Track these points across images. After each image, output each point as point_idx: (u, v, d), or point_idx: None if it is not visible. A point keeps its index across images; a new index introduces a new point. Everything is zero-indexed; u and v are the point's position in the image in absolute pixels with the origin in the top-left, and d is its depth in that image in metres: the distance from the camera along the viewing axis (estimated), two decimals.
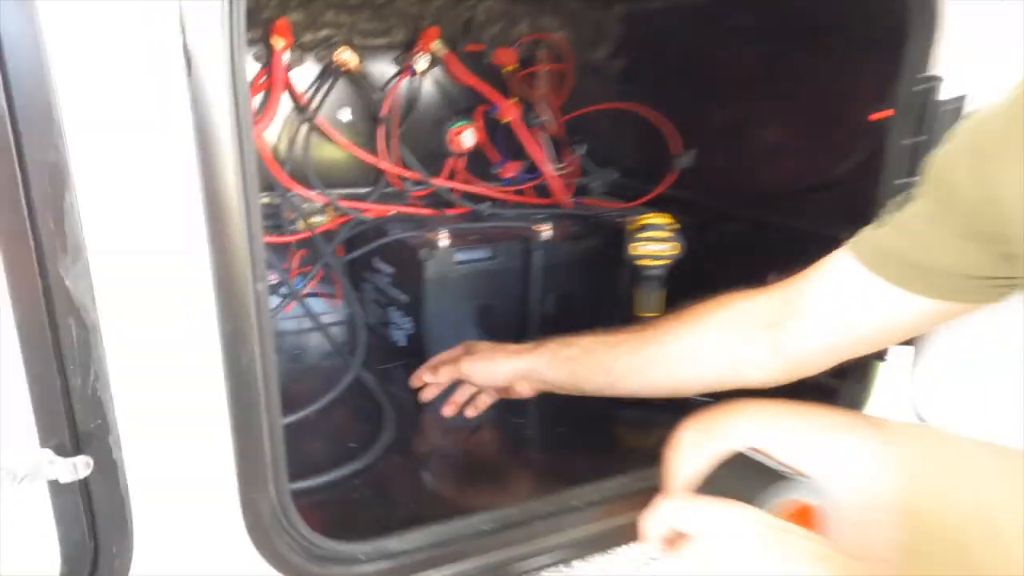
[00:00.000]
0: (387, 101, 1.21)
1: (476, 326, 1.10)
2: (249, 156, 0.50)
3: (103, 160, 0.46)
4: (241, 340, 0.55)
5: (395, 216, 1.20)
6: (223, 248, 0.51)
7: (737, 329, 0.72)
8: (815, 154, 1.00)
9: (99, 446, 0.49)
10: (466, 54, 1.28)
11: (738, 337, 0.72)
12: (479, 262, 1.09)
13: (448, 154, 1.29)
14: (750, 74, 1.14)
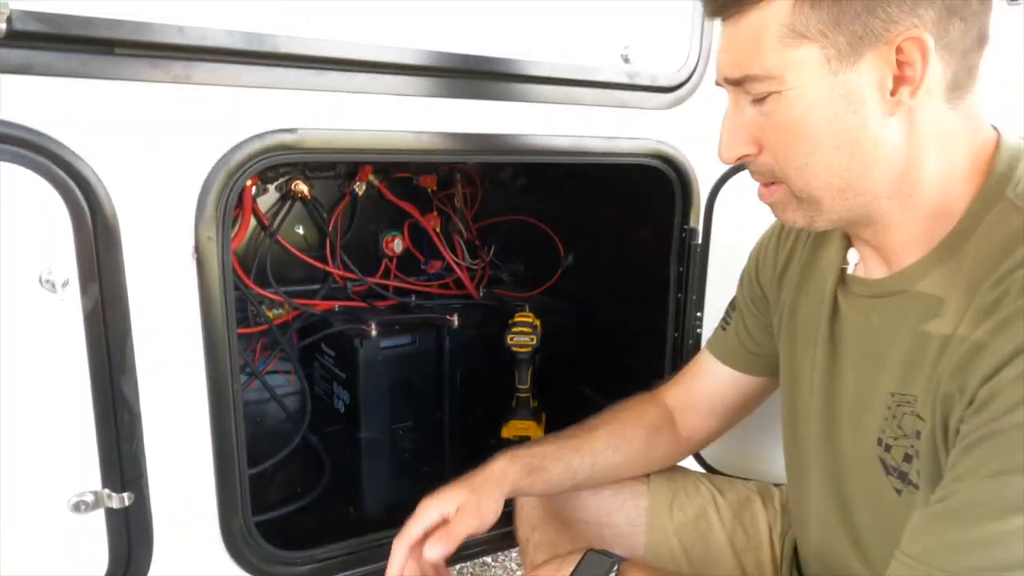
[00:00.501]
0: (332, 219, 1.56)
1: (399, 398, 1.43)
2: (230, 309, 0.84)
3: (146, 324, 0.79)
4: (223, 416, 0.87)
5: (339, 309, 1.54)
6: (214, 363, 0.84)
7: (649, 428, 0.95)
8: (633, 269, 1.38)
9: (136, 486, 0.80)
10: (396, 179, 1.64)
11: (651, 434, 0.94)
12: (401, 346, 1.42)
13: (383, 256, 1.64)
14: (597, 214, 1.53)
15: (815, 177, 0.63)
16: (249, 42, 0.78)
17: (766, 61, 0.60)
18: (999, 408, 0.53)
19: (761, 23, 0.60)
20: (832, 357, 0.74)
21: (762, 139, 0.64)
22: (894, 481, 0.66)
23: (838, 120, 0.60)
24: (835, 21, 0.57)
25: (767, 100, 0.62)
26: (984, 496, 0.52)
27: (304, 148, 0.85)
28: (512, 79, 0.97)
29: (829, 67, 0.59)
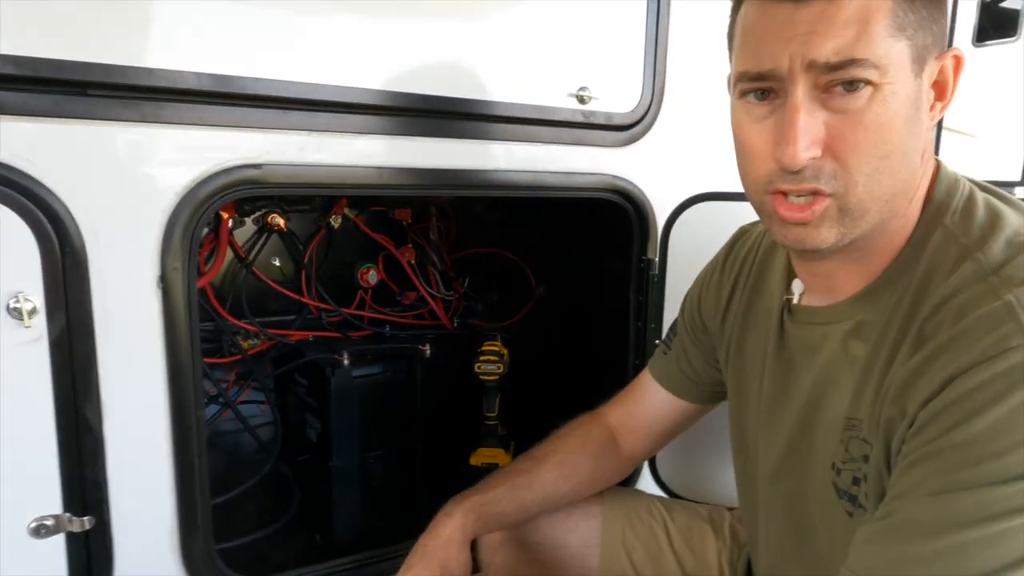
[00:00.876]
0: (308, 251, 1.60)
1: (370, 426, 1.45)
2: (195, 337, 0.87)
3: (112, 351, 0.82)
4: (185, 442, 0.89)
5: (313, 339, 1.57)
6: (178, 390, 0.87)
7: (595, 453, 0.98)
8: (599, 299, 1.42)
9: (98, 511, 0.82)
10: (372, 213, 1.69)
11: (597, 458, 0.97)
12: (373, 376, 1.45)
13: (358, 288, 1.67)
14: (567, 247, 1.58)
15: (879, 184, 0.60)
16: (216, 84, 0.82)
17: (878, 47, 0.56)
18: (937, 430, 0.55)
19: (869, 8, 0.56)
20: (782, 386, 0.76)
21: (831, 141, 0.59)
22: (846, 504, 0.68)
23: (910, 124, 0.59)
24: (921, 23, 0.58)
25: (860, 92, 0.57)
26: (924, 514, 0.54)
27: (270, 183, 0.90)
28: (472, 118, 1.02)
29: (913, 68, 0.58)
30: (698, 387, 0.94)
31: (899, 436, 0.59)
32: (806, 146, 0.58)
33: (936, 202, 0.64)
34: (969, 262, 0.58)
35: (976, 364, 0.53)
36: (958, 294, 0.58)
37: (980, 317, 0.55)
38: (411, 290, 1.73)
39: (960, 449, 0.53)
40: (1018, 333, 0.53)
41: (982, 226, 0.60)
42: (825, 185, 0.60)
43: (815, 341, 0.72)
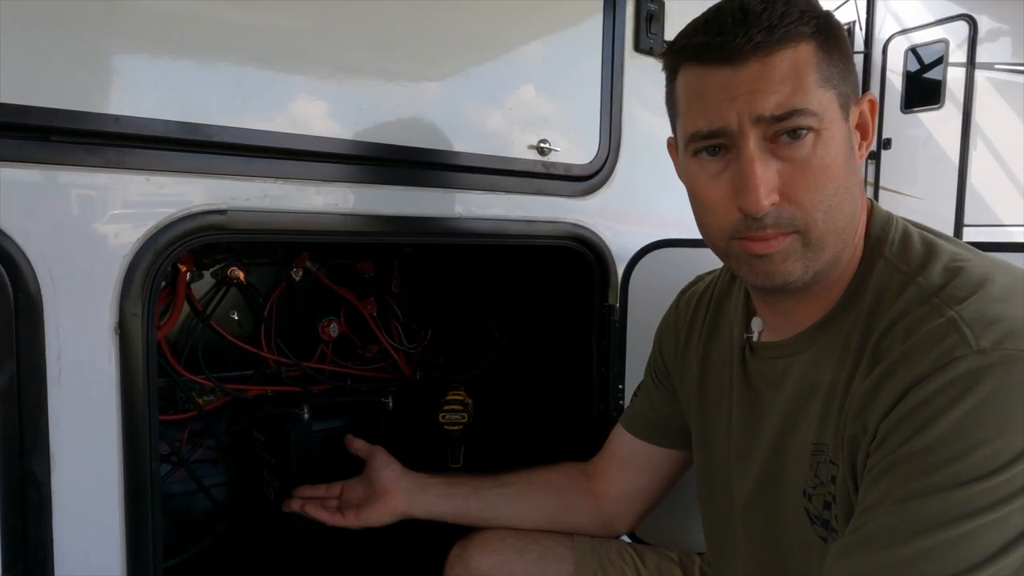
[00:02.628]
0: (268, 304, 1.58)
1: (331, 481, 1.41)
2: (153, 388, 0.84)
3: (64, 400, 0.79)
4: (139, 500, 0.85)
5: (272, 394, 1.53)
6: (133, 444, 0.83)
7: (561, 487, 1.01)
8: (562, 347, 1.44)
9: (40, 571, 0.77)
10: (334, 265, 1.68)
11: (562, 493, 1.01)
12: (334, 429, 1.42)
13: (320, 341, 1.65)
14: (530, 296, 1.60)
15: (834, 220, 0.65)
16: (183, 131, 0.83)
17: (812, 98, 0.63)
18: (898, 440, 0.58)
19: (798, 62, 0.63)
20: (750, 420, 0.79)
21: (785, 187, 0.64)
22: (819, 530, 0.70)
23: (848, 162, 0.66)
24: (840, 75, 0.65)
25: (804, 140, 0.63)
26: (892, 523, 0.56)
27: (234, 229, 0.90)
28: (436, 167, 1.05)
29: (841, 114, 0.66)
30: (662, 430, 0.96)
31: (863, 451, 0.62)
32: (766, 193, 0.64)
33: (874, 237, 0.69)
34: (912, 287, 0.63)
35: (928, 375, 0.57)
36: (906, 315, 0.62)
37: (928, 332, 0.59)
38: (373, 343, 1.72)
39: (920, 456, 0.56)
40: (963, 344, 0.56)
41: (919, 255, 0.65)
42: (786, 227, 0.65)
43: (778, 374, 0.75)
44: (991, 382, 0.54)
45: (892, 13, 4.89)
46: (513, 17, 1.11)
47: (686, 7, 1.34)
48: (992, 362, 0.55)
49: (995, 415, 0.54)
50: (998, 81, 4.26)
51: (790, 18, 0.63)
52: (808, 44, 0.63)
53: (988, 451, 0.53)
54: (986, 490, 0.53)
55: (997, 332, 0.56)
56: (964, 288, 0.60)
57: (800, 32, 0.63)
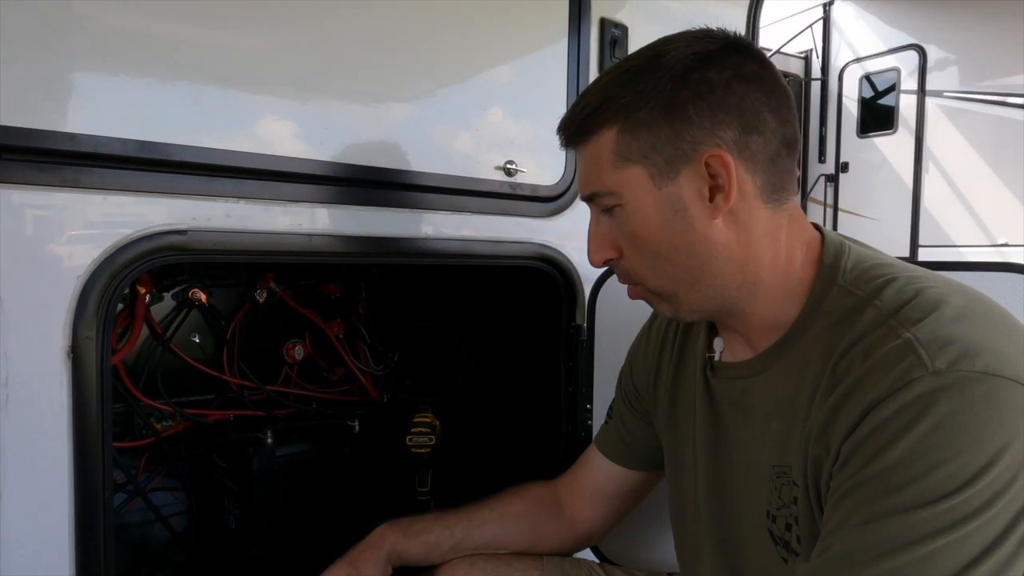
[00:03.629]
0: (231, 327, 1.55)
1: (296, 509, 1.37)
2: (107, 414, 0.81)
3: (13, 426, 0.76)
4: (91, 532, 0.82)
5: (234, 419, 1.49)
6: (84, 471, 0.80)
7: (534, 507, 1.00)
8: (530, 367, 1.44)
9: None
10: (299, 287, 1.66)
11: (535, 513, 1.00)
12: (299, 454, 1.39)
13: (284, 364, 1.62)
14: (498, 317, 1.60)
15: (663, 276, 0.72)
16: (142, 150, 0.82)
17: (605, 180, 0.72)
18: (859, 462, 0.58)
19: (598, 149, 0.72)
20: (713, 440, 0.79)
21: (619, 246, 0.74)
22: (781, 551, 0.70)
23: (669, 226, 0.70)
24: (651, 145, 0.69)
25: (614, 212, 0.73)
26: (855, 544, 0.57)
27: (195, 249, 0.88)
28: (403, 188, 1.04)
29: (654, 183, 0.70)
30: (637, 454, 0.97)
31: (826, 472, 0.63)
32: (595, 249, 0.76)
33: (827, 265, 0.71)
34: (870, 309, 0.64)
35: (886, 396, 0.58)
36: (864, 338, 0.63)
37: (885, 354, 0.60)
38: (339, 365, 1.69)
39: (881, 478, 0.57)
40: (919, 365, 0.57)
41: (874, 280, 0.67)
42: (628, 279, 0.77)
43: (739, 394, 0.76)
44: (947, 403, 0.56)
45: (847, 42, 5.07)
46: (480, 41, 1.12)
47: (649, 32, 1.37)
48: (947, 383, 0.56)
49: (951, 436, 0.55)
50: (947, 108, 4.44)
51: (591, 109, 0.71)
52: (609, 130, 0.70)
53: (947, 471, 0.54)
54: (946, 510, 0.54)
55: (951, 353, 0.57)
56: (919, 310, 0.62)
57: (599, 122, 0.71)
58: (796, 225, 0.72)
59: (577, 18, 1.22)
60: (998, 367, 0.57)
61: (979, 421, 0.55)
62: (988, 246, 4.21)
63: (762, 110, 0.68)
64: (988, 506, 0.54)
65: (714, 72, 0.67)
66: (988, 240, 4.23)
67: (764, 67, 0.70)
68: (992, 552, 0.54)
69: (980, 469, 0.54)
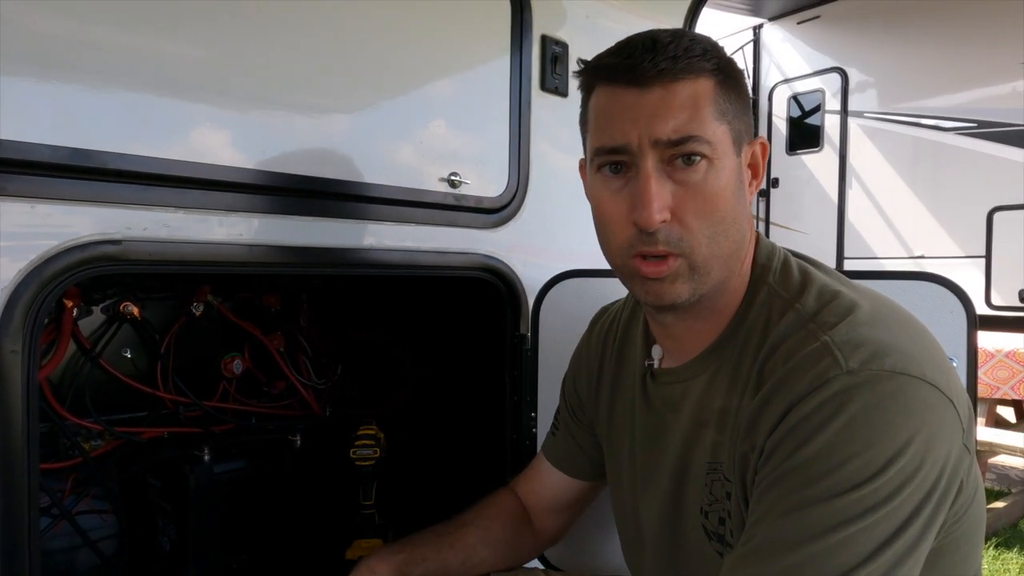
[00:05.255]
0: (166, 341, 1.50)
1: (235, 528, 1.33)
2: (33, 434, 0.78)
3: None
4: (13, 565, 0.78)
5: (169, 436, 1.44)
6: (8, 498, 0.77)
7: (514, 522, 1.00)
8: (475, 377, 1.44)
9: None
10: (238, 299, 1.62)
11: (516, 528, 1.00)
12: (238, 471, 1.35)
13: (222, 379, 1.58)
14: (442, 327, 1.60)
15: (718, 246, 0.69)
16: (72, 157, 0.79)
17: (708, 127, 0.67)
18: (781, 456, 0.62)
19: (697, 94, 0.67)
20: (654, 445, 0.82)
21: (677, 208, 0.68)
22: (716, 545, 0.73)
23: (736, 194, 0.70)
24: (738, 111, 0.71)
25: (697, 166, 0.67)
26: (778, 533, 0.60)
27: (129, 260, 0.85)
28: (346, 198, 1.04)
29: (735, 148, 0.70)
30: (584, 464, 0.99)
31: (752, 467, 0.66)
32: (659, 208, 0.67)
33: (759, 265, 0.75)
34: (791, 312, 0.69)
35: (805, 395, 0.62)
36: (786, 339, 0.67)
37: (804, 356, 0.64)
38: (280, 379, 1.65)
39: (801, 470, 0.60)
40: (835, 366, 0.62)
41: (797, 283, 0.72)
42: (675, 248, 0.69)
43: (676, 398, 0.79)
44: (859, 400, 0.60)
45: (776, 63, 5.32)
46: (424, 55, 1.13)
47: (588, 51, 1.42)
48: (859, 382, 0.61)
49: (863, 430, 0.59)
50: (868, 127, 4.71)
51: (693, 52, 0.67)
52: (708, 79, 0.68)
53: (858, 463, 0.58)
54: (858, 499, 0.58)
55: (863, 354, 0.62)
56: (835, 314, 0.66)
57: (701, 67, 0.68)
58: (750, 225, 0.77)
59: (519, 35, 1.25)
60: (904, 366, 0.61)
61: (888, 416, 0.60)
62: (906, 258, 4.47)
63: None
64: (896, 494, 0.58)
65: None
66: (906, 252, 4.49)
67: None
68: (899, 535, 0.58)
69: (888, 460, 0.58)
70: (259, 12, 0.93)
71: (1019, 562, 2.82)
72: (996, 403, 3.51)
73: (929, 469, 0.59)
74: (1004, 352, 3.06)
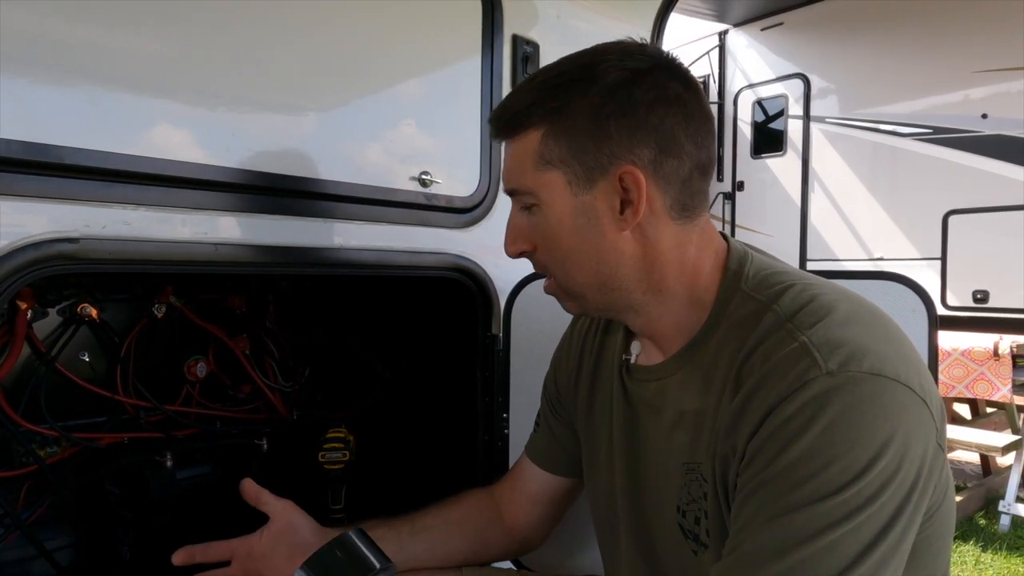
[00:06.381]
0: (126, 344, 1.45)
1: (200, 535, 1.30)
2: None
3: None
4: None
5: (129, 441, 1.39)
6: None
7: (481, 518, 1.00)
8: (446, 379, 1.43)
9: None
10: (202, 300, 1.58)
11: (483, 524, 1.00)
12: (202, 476, 1.31)
13: (185, 382, 1.53)
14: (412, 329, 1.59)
15: (572, 277, 0.76)
16: (26, 152, 0.76)
17: (526, 180, 0.74)
18: (764, 460, 0.62)
19: (524, 148, 0.74)
20: (629, 438, 0.82)
21: (534, 241, 0.77)
22: (691, 544, 0.73)
23: (581, 233, 0.73)
24: (572, 154, 0.71)
25: (533, 211, 0.75)
26: (765, 540, 0.60)
27: (88, 259, 0.82)
28: (316, 197, 1.02)
29: (571, 189, 0.72)
30: (566, 460, 0.99)
31: (733, 470, 0.66)
32: (510, 242, 0.79)
33: (731, 272, 0.76)
34: (769, 314, 0.69)
35: (786, 397, 0.62)
36: (764, 341, 0.67)
37: (783, 357, 0.65)
38: (246, 382, 1.62)
39: (785, 474, 0.61)
40: (814, 367, 0.62)
41: (773, 287, 0.72)
42: (546, 272, 0.80)
43: (652, 395, 0.79)
44: (839, 401, 0.60)
45: (740, 68, 5.42)
46: (395, 54, 1.12)
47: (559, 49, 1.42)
48: (839, 383, 0.61)
49: (844, 433, 0.60)
50: (829, 133, 4.82)
51: (520, 107, 0.73)
52: (536, 131, 0.73)
53: (840, 466, 0.59)
54: (842, 502, 0.58)
55: (842, 355, 0.62)
56: (813, 315, 0.67)
57: (527, 122, 0.73)
58: (706, 238, 0.77)
59: (491, 34, 1.25)
60: (880, 367, 0.62)
61: (867, 418, 0.60)
62: (866, 259, 4.59)
63: (680, 134, 0.71)
64: (878, 495, 0.59)
65: (640, 92, 0.70)
66: (867, 255, 4.61)
67: (689, 90, 0.73)
68: (884, 536, 0.59)
69: (869, 462, 0.59)
70: (227, 7, 0.91)
71: (975, 554, 2.91)
72: (952, 401, 3.63)
73: (908, 469, 0.60)
74: (960, 351, 3.16)
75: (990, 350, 3.09)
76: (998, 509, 3.17)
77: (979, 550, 2.93)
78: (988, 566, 2.80)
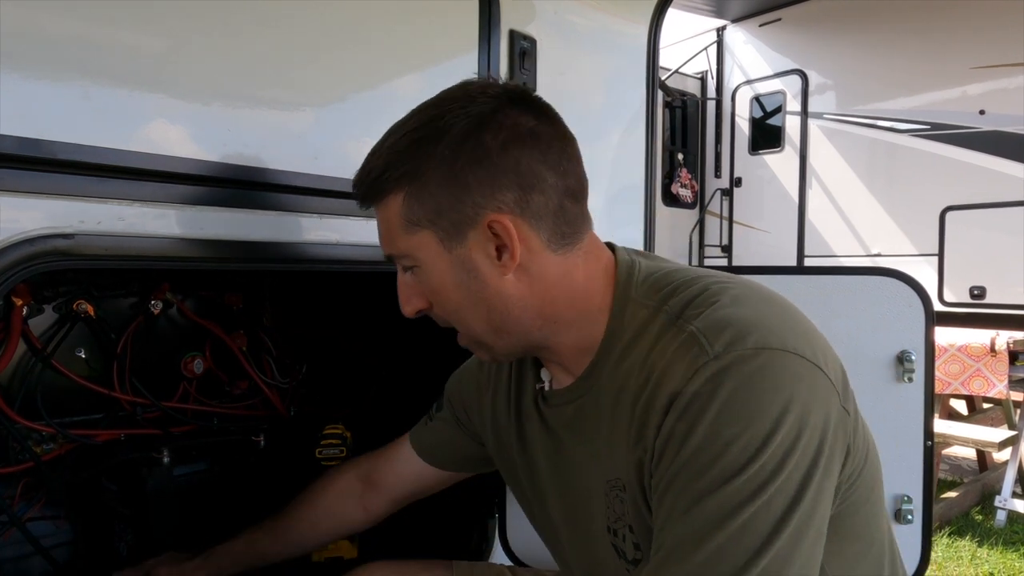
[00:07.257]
0: (122, 340, 1.45)
1: (196, 531, 1.30)
2: None
3: None
4: None
5: (125, 438, 1.39)
6: None
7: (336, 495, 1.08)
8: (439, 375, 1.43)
9: None
10: (199, 297, 1.58)
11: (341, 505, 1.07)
12: (199, 473, 1.31)
13: (182, 379, 1.53)
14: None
15: (470, 328, 0.75)
16: (20, 147, 0.75)
17: (398, 244, 0.73)
18: (670, 455, 0.62)
19: (388, 214, 0.72)
20: (557, 466, 0.82)
21: (427, 298, 0.76)
22: (626, 563, 0.73)
23: (464, 285, 0.72)
24: (436, 211, 0.69)
25: (414, 272, 0.74)
26: (683, 533, 0.60)
27: (83, 255, 0.82)
28: (314, 193, 1.02)
29: (444, 246, 0.71)
30: (454, 458, 1.02)
31: (647, 471, 0.67)
32: (404, 303, 0.77)
33: (621, 285, 0.75)
34: (660, 315, 0.70)
35: (681, 387, 0.63)
36: (659, 341, 0.68)
37: (675, 350, 0.65)
38: (243, 379, 1.62)
39: (690, 464, 0.61)
40: (702, 353, 0.63)
41: (662, 289, 0.72)
42: (447, 326, 0.78)
43: (568, 418, 0.79)
44: (730, 382, 0.60)
45: (739, 65, 5.41)
46: (391, 49, 1.12)
47: (556, 45, 1.42)
48: (726, 364, 0.61)
49: (738, 412, 0.60)
50: (827, 129, 4.83)
51: (376, 174, 0.71)
52: (396, 195, 0.71)
53: (740, 444, 0.59)
54: (747, 480, 0.58)
55: (727, 336, 0.63)
56: (701, 305, 0.67)
57: (385, 188, 0.71)
58: (592, 257, 0.75)
59: (487, 30, 1.24)
60: (766, 340, 0.62)
61: (759, 392, 0.60)
62: (864, 256, 4.60)
63: (539, 169, 0.69)
64: (782, 467, 0.59)
65: (489, 136, 0.68)
66: (864, 251, 4.62)
67: (542, 120, 0.71)
68: (796, 506, 0.59)
69: (768, 435, 0.59)
70: (223, 3, 0.91)
71: (971, 549, 2.93)
72: (948, 397, 3.64)
73: (810, 436, 0.60)
74: (956, 347, 3.17)
75: (987, 346, 3.09)
76: (994, 504, 3.18)
77: (975, 545, 2.94)
78: (984, 561, 2.81)
